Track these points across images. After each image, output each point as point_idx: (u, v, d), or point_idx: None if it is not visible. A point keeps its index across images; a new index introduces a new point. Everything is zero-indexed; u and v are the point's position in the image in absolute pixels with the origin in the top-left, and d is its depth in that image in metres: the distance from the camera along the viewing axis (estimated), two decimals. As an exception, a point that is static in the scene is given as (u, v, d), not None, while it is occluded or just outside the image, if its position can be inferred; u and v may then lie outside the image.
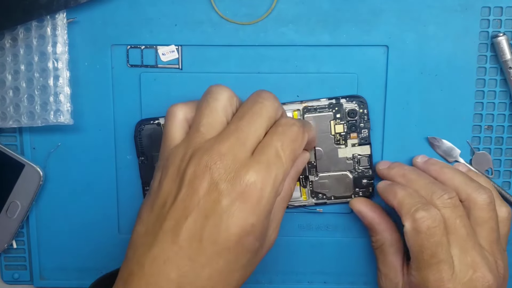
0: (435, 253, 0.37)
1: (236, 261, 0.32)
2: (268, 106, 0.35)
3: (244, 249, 0.32)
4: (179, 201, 0.32)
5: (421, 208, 0.37)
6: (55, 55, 0.42)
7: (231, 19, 0.43)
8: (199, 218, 0.32)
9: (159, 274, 0.31)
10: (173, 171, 0.34)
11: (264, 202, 0.32)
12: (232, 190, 0.32)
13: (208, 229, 0.31)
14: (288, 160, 0.34)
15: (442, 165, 0.42)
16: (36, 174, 0.44)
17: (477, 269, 0.37)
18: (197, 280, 0.32)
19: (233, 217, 0.31)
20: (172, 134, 0.36)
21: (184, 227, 0.32)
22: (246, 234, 0.32)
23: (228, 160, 0.32)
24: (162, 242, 0.32)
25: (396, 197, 0.39)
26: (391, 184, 0.41)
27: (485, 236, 0.39)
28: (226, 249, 0.32)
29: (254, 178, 0.32)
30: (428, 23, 0.42)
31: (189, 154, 0.33)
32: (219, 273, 0.32)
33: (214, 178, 0.32)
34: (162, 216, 0.33)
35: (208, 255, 0.31)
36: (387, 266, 0.41)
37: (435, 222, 0.37)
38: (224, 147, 0.33)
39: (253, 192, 0.32)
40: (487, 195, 0.39)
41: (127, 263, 0.33)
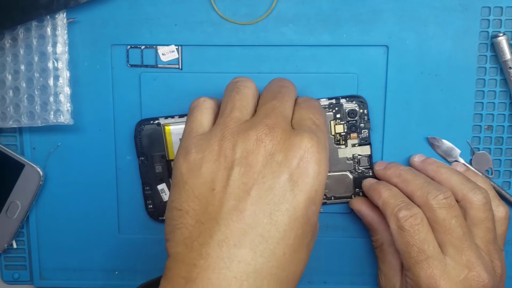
0: (422, 249, 0.37)
1: (303, 236, 0.31)
2: (291, 90, 0.37)
3: (309, 221, 0.31)
4: (234, 179, 0.31)
5: (404, 207, 0.38)
6: (55, 55, 0.42)
7: (231, 19, 0.43)
8: (262, 191, 0.30)
9: (230, 258, 0.29)
10: (211, 153, 0.32)
11: (324, 167, 0.32)
12: (291, 159, 0.31)
13: (275, 200, 0.30)
14: (323, 126, 0.35)
15: (439, 164, 0.42)
16: (36, 174, 0.44)
17: (472, 268, 0.37)
18: (272, 259, 0.30)
19: (298, 184, 0.31)
20: (200, 121, 0.35)
21: (249, 203, 0.30)
22: (311, 201, 0.31)
23: (278, 131, 0.32)
24: (226, 224, 0.30)
25: (381, 197, 0.40)
26: (376, 183, 0.42)
27: (481, 236, 0.39)
28: (296, 219, 0.30)
29: (308, 143, 0.32)
30: (428, 23, 0.42)
31: (230, 134, 0.32)
32: (291, 249, 0.31)
33: (268, 150, 0.31)
34: (216, 199, 0.31)
35: (280, 228, 0.30)
36: (387, 266, 0.42)
37: (417, 220, 0.37)
38: (269, 121, 0.32)
39: (312, 157, 0.31)
40: (482, 195, 0.39)
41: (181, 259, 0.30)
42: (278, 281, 0.30)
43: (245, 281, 0.29)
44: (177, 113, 0.43)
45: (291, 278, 0.31)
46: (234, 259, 0.29)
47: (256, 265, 0.29)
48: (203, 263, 0.29)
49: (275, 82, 0.37)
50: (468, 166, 0.43)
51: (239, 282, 0.29)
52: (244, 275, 0.29)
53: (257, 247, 0.30)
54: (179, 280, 0.30)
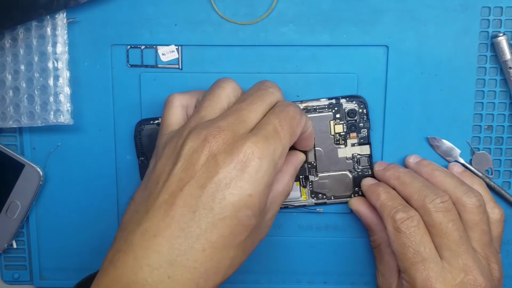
0: (417, 251, 0.37)
1: (232, 236, 0.32)
2: (270, 93, 0.36)
3: (240, 223, 0.32)
4: (174, 174, 0.32)
5: (401, 209, 0.38)
6: (55, 55, 0.42)
7: (231, 19, 0.43)
8: (194, 188, 0.31)
9: (148, 248, 0.31)
10: (168, 150, 0.34)
11: (262, 174, 0.32)
12: (230, 161, 0.32)
13: (203, 199, 0.31)
14: (286, 135, 0.34)
15: (434, 167, 0.42)
16: (36, 174, 0.44)
17: (468, 272, 0.37)
18: (190, 253, 0.31)
19: (230, 186, 0.31)
20: (169, 120, 0.37)
21: (178, 198, 0.31)
22: (243, 205, 0.32)
23: (227, 134, 0.32)
24: (154, 216, 0.31)
25: (379, 199, 0.40)
26: (374, 185, 0.42)
27: (477, 239, 0.39)
28: (221, 219, 0.31)
29: (252, 149, 0.32)
30: (428, 23, 0.42)
31: (187, 132, 0.33)
32: (213, 247, 0.31)
33: (212, 150, 0.32)
34: (156, 192, 0.32)
35: (202, 226, 0.31)
36: (384, 266, 0.42)
37: (413, 222, 0.38)
38: (223, 123, 0.33)
39: (251, 163, 0.32)
40: (476, 199, 0.39)
41: (114, 243, 0.33)
42: (193, 274, 0.31)
43: (156, 269, 0.31)
44: (177, 113, 0.43)
45: (212, 273, 0.32)
46: (151, 247, 0.31)
47: (170, 257, 0.31)
48: (125, 248, 0.31)
49: (256, 84, 0.37)
50: (468, 166, 0.43)
51: (151, 269, 0.31)
52: (157, 264, 0.31)
53: (175, 240, 0.31)
54: (105, 262, 0.32)
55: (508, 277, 0.44)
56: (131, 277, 0.31)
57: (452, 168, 0.43)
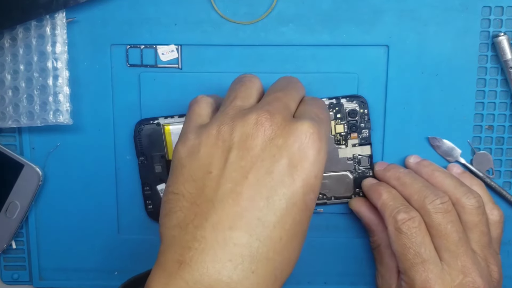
0: (418, 252, 0.37)
1: (300, 223, 0.31)
2: (298, 87, 0.37)
3: (307, 208, 0.31)
4: (232, 163, 0.30)
5: (402, 210, 0.38)
6: (55, 55, 0.42)
7: (231, 18, 0.43)
8: (260, 175, 0.30)
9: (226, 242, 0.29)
10: (209, 138, 0.32)
11: (323, 154, 0.32)
12: (291, 143, 0.31)
13: (273, 185, 0.30)
14: (326, 121, 0.34)
15: (434, 168, 0.42)
16: (36, 174, 0.44)
17: (467, 274, 0.37)
18: (268, 243, 0.29)
19: (297, 170, 0.30)
20: (199, 113, 0.35)
21: (246, 186, 0.30)
22: (310, 188, 0.31)
23: (278, 117, 0.31)
24: (222, 207, 0.29)
25: (380, 198, 0.40)
26: (376, 184, 0.42)
27: (476, 240, 0.39)
28: (294, 204, 0.30)
29: (310, 129, 0.31)
30: (428, 22, 0.42)
31: (228, 121, 0.32)
32: (288, 235, 0.30)
33: (267, 134, 0.31)
34: (213, 182, 0.30)
35: (277, 213, 0.30)
36: (384, 267, 0.42)
37: (415, 223, 0.37)
38: (271, 108, 0.32)
39: (313, 144, 0.31)
40: (475, 200, 0.39)
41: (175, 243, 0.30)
42: (273, 266, 0.30)
43: (240, 264, 0.29)
44: (177, 113, 0.43)
45: (286, 264, 0.31)
46: (229, 241, 0.29)
47: (251, 249, 0.29)
48: (197, 245, 0.29)
49: (283, 78, 0.38)
50: (469, 166, 0.43)
51: (234, 265, 0.29)
52: (239, 258, 0.29)
53: (253, 230, 0.29)
54: (173, 264, 0.29)
55: (508, 278, 0.44)
56: (214, 276, 0.28)
57: (451, 169, 0.43)
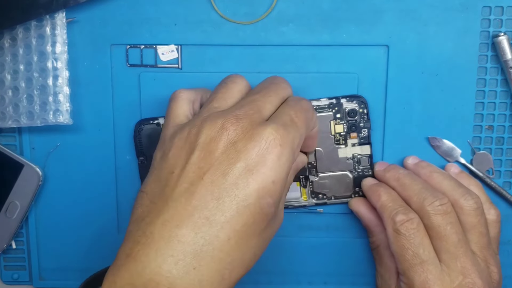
0: (416, 253, 0.37)
1: (254, 225, 0.31)
2: (283, 88, 0.36)
3: (262, 211, 0.31)
4: (192, 163, 0.31)
5: (401, 211, 0.38)
6: (55, 55, 0.42)
7: (231, 18, 0.43)
8: (216, 176, 0.31)
9: (171, 238, 0.30)
10: (180, 141, 0.33)
11: (284, 161, 0.32)
12: (252, 147, 0.31)
13: (226, 186, 0.30)
14: (303, 125, 0.34)
15: (432, 169, 0.42)
16: (36, 174, 0.44)
17: (467, 275, 0.37)
18: (214, 242, 0.30)
19: (253, 173, 0.31)
20: (176, 112, 0.36)
21: (200, 186, 0.31)
22: (266, 192, 0.31)
23: (245, 122, 0.32)
24: (174, 206, 0.30)
25: (380, 200, 0.40)
26: (375, 185, 0.42)
27: (476, 241, 0.39)
28: (246, 207, 0.30)
29: (273, 135, 0.32)
30: (428, 22, 0.42)
31: (200, 121, 0.33)
32: (238, 236, 0.31)
33: (230, 138, 0.31)
34: (172, 182, 0.31)
35: (227, 213, 0.30)
36: (383, 267, 0.42)
37: (413, 224, 0.38)
38: (240, 112, 0.32)
39: (273, 149, 0.31)
40: (473, 201, 0.39)
41: (129, 237, 0.31)
42: (219, 265, 0.30)
43: (181, 260, 0.29)
44: (177, 113, 0.43)
45: (237, 265, 0.31)
46: (174, 238, 0.30)
47: (195, 246, 0.30)
48: (144, 240, 0.30)
49: (267, 79, 0.38)
50: (469, 166, 0.43)
51: (175, 260, 0.29)
52: (181, 254, 0.30)
53: (199, 229, 0.30)
54: (122, 256, 0.31)
55: (508, 278, 0.44)
56: (155, 269, 0.29)
57: (449, 169, 0.43)
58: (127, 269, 0.30)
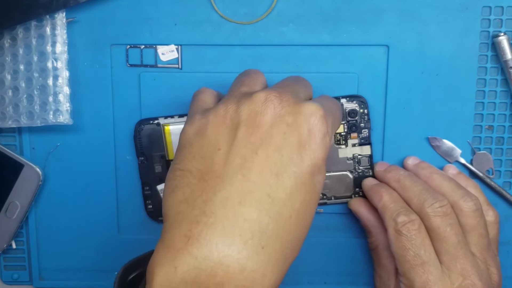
0: (417, 254, 0.37)
1: (309, 203, 0.30)
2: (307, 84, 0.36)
3: (315, 189, 0.31)
4: (240, 139, 0.30)
5: (403, 213, 0.38)
6: (55, 55, 0.42)
7: (231, 18, 0.43)
8: (271, 151, 0.29)
9: (236, 217, 0.28)
10: (217, 118, 0.31)
11: (329, 138, 0.31)
12: (301, 122, 0.30)
13: (283, 162, 0.29)
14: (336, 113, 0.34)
15: (432, 170, 0.42)
16: (36, 174, 0.44)
17: (467, 276, 0.37)
18: (278, 219, 0.29)
19: (305, 148, 0.30)
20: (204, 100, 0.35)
21: (256, 162, 0.29)
22: (318, 169, 0.30)
23: (288, 97, 0.31)
24: (231, 182, 0.29)
25: (381, 200, 0.40)
26: (377, 185, 0.42)
27: (475, 243, 0.39)
28: (303, 183, 0.30)
29: (320, 112, 0.31)
30: (428, 22, 0.42)
31: (235, 100, 0.31)
32: (297, 213, 0.30)
33: (277, 111, 0.30)
34: (221, 159, 0.30)
35: (287, 190, 0.29)
36: (381, 268, 0.42)
37: (414, 225, 0.38)
38: (280, 89, 0.32)
39: (321, 126, 0.31)
40: (473, 203, 0.39)
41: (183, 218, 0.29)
42: (282, 243, 0.29)
43: (250, 239, 0.28)
44: (177, 113, 0.43)
45: (295, 243, 0.30)
46: (239, 216, 0.28)
47: (261, 224, 0.28)
48: (206, 220, 0.28)
49: (291, 76, 0.37)
50: (469, 166, 0.43)
51: (244, 240, 0.28)
52: (249, 233, 0.28)
53: (263, 206, 0.29)
54: (180, 239, 0.28)
55: (509, 278, 0.44)
56: (224, 251, 0.27)
57: (447, 170, 0.43)
58: (190, 253, 0.28)
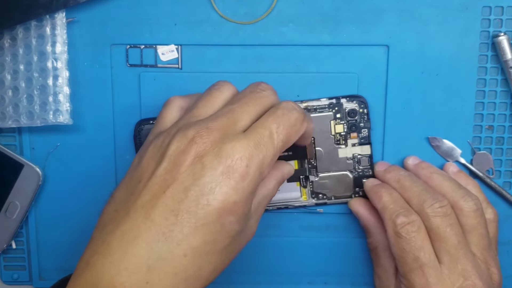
0: (417, 256, 0.37)
1: (214, 242, 0.31)
2: (265, 96, 0.35)
3: (223, 229, 0.31)
4: (158, 175, 0.31)
5: (402, 213, 0.38)
6: (55, 55, 0.42)
7: (231, 18, 0.43)
8: (178, 191, 0.30)
9: (127, 251, 0.30)
10: (154, 149, 0.33)
11: (248, 181, 0.31)
12: (217, 164, 0.30)
13: (187, 203, 0.30)
14: (280, 143, 0.33)
15: (432, 170, 0.41)
16: (36, 174, 0.44)
17: (467, 277, 0.37)
18: (169, 258, 0.30)
19: (215, 191, 0.30)
20: (164, 118, 0.36)
21: (161, 201, 0.30)
22: (227, 211, 0.30)
23: (216, 135, 0.31)
24: (134, 217, 0.30)
25: (381, 201, 0.40)
26: (377, 186, 0.41)
27: (476, 243, 0.39)
28: (205, 225, 0.30)
29: (241, 153, 0.31)
30: (428, 22, 0.42)
31: (173, 132, 0.32)
32: (195, 252, 0.30)
33: (199, 152, 0.31)
34: (137, 192, 0.31)
35: (184, 230, 0.30)
36: (381, 269, 0.42)
37: (414, 227, 0.37)
38: (213, 124, 0.32)
39: (238, 169, 0.30)
40: (473, 202, 0.39)
41: (91, 243, 0.31)
42: (173, 280, 0.30)
43: (134, 274, 0.29)
44: (177, 113, 0.43)
45: (194, 280, 0.31)
46: (130, 251, 0.30)
47: (149, 261, 0.29)
48: (102, 249, 0.30)
49: (250, 86, 0.36)
50: (469, 166, 0.43)
51: (129, 273, 0.29)
52: (135, 268, 0.29)
53: (155, 244, 0.30)
54: (82, 264, 0.31)
55: (509, 278, 0.44)
56: (108, 280, 0.29)
57: (447, 168, 0.43)
58: (83, 277, 0.30)
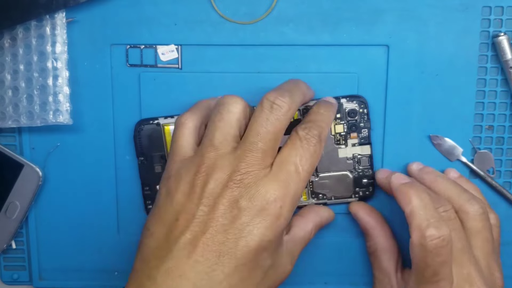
0: (438, 272, 0.36)
1: (250, 278, 0.33)
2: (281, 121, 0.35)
3: (257, 266, 0.33)
4: (198, 217, 0.33)
5: (433, 224, 0.35)
6: (54, 55, 0.42)
7: (231, 18, 0.43)
8: (218, 233, 0.32)
9: (173, 287, 0.32)
10: (186, 185, 0.34)
11: (282, 219, 0.33)
12: (252, 207, 0.33)
13: (227, 244, 0.32)
14: (306, 174, 0.35)
15: (437, 174, 0.41)
16: (35, 174, 0.44)
17: (473, 283, 0.36)
18: None
19: (252, 233, 0.32)
20: (182, 143, 0.37)
21: (202, 242, 0.32)
22: (262, 250, 0.33)
23: (249, 178, 0.33)
24: (178, 256, 0.32)
25: (410, 204, 0.37)
26: (405, 185, 0.38)
27: (480, 247, 0.38)
28: (243, 265, 0.32)
29: (274, 196, 0.33)
30: (429, 22, 0.42)
31: (204, 170, 0.34)
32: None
33: (234, 196, 0.33)
34: (177, 231, 0.33)
35: (225, 270, 0.32)
36: (381, 272, 0.41)
37: (443, 242, 0.35)
38: (243, 166, 0.34)
39: (272, 210, 0.33)
40: (479, 206, 0.39)
41: (137, 276, 0.34)
42: None
43: None
44: (177, 113, 0.43)
45: None
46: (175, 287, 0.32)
47: None
48: (149, 284, 0.32)
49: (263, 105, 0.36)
50: (470, 165, 0.43)
51: None
52: None
53: (200, 282, 0.32)
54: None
55: (509, 278, 0.44)
56: None
57: (448, 173, 0.42)
58: None
